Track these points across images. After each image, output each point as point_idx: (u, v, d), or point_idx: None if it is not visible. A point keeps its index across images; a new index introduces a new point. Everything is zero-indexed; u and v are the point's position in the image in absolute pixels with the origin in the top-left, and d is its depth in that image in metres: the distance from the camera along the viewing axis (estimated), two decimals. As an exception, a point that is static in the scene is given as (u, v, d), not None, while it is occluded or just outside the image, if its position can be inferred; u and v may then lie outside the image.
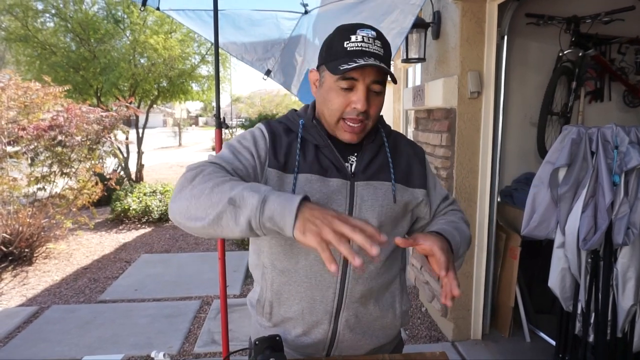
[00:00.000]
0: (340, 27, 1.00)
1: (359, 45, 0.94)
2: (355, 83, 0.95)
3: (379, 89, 0.97)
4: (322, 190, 1.00)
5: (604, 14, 2.88)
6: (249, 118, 12.70)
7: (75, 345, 2.89)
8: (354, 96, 0.96)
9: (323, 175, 1.01)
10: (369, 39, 0.95)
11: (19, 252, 4.44)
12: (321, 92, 1.02)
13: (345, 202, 1.01)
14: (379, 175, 1.04)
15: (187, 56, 7.77)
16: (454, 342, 2.85)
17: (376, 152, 1.06)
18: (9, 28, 6.99)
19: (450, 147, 2.76)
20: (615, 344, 2.17)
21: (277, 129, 1.05)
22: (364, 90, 0.95)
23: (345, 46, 0.95)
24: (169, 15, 2.67)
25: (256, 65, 2.80)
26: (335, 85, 0.96)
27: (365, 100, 0.95)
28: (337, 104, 0.97)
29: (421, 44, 2.92)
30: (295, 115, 1.10)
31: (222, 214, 0.78)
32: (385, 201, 1.03)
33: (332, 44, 0.98)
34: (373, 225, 0.98)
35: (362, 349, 1.09)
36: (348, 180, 1.02)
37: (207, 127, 41.45)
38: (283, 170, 1.00)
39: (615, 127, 2.04)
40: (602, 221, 2.02)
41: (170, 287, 3.87)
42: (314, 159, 1.01)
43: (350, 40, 0.95)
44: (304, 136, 1.04)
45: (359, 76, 0.94)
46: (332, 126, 1.01)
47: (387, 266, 1.07)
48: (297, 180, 0.99)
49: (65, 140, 4.45)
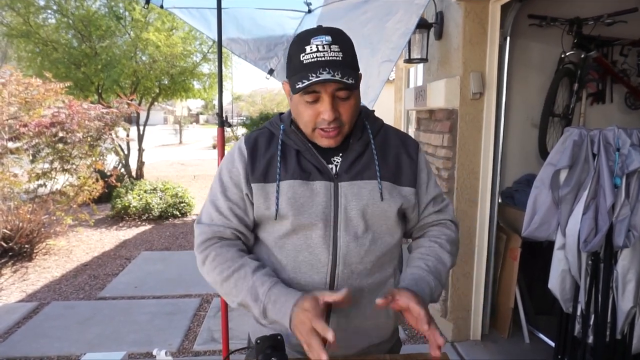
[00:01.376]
0: (297, 37, 0.99)
1: (314, 56, 0.92)
2: (318, 95, 0.94)
3: (344, 94, 0.96)
4: (305, 194, 1.00)
5: (606, 15, 2.88)
6: (249, 116, 12.70)
7: (75, 341, 2.89)
8: (321, 107, 0.95)
9: (306, 179, 1.01)
10: (324, 47, 0.92)
11: (19, 248, 4.45)
12: (292, 104, 1.02)
13: (330, 203, 1.01)
14: (363, 174, 1.03)
15: (189, 54, 7.76)
16: (453, 343, 2.86)
17: (362, 150, 1.05)
18: (10, 24, 6.98)
19: (452, 147, 2.77)
20: (615, 346, 2.17)
21: (258, 142, 1.07)
22: (329, 100, 0.94)
23: (302, 59, 0.93)
24: (173, 12, 2.67)
25: (259, 64, 2.80)
26: (302, 99, 0.96)
27: (332, 110, 0.95)
28: (307, 116, 0.97)
29: (423, 45, 2.92)
30: (278, 119, 1.10)
31: (241, 306, 0.99)
32: (371, 200, 1.02)
33: (291, 56, 0.98)
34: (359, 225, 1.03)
35: (354, 348, 1.09)
36: (332, 181, 1.02)
37: (207, 125, 41.38)
38: (265, 181, 1.02)
39: (617, 129, 2.04)
40: (603, 223, 2.02)
41: (170, 285, 3.87)
42: (295, 164, 1.02)
43: (305, 52, 0.93)
44: (285, 141, 1.04)
45: (320, 88, 0.93)
46: (310, 135, 1.02)
47: (378, 266, 1.06)
48: (280, 188, 1.00)
49: (66, 136, 4.46)
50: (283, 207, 1.00)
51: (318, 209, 1.00)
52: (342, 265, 1.01)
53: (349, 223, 1.01)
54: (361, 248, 1.02)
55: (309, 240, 1.01)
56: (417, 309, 0.89)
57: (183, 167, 12.78)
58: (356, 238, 1.01)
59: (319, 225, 1.00)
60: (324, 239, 1.01)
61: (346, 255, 1.01)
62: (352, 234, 1.01)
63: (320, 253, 1.01)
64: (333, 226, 1.01)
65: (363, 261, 1.03)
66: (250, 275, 0.97)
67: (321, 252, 1.01)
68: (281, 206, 1.00)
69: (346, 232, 1.01)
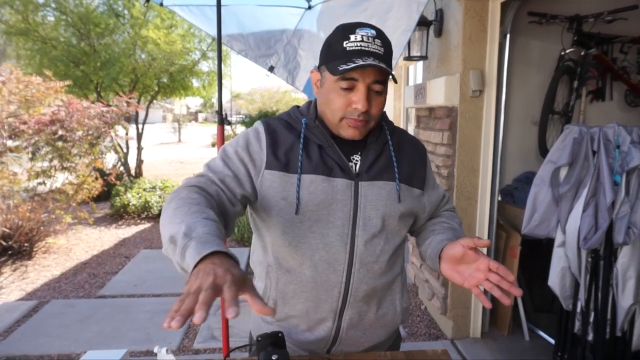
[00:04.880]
0: (340, 27, 0.99)
1: (358, 45, 0.93)
2: (355, 83, 0.94)
3: (379, 88, 0.96)
4: (326, 191, 0.99)
5: (606, 13, 2.88)
6: (249, 114, 12.69)
7: (75, 339, 2.89)
8: (355, 96, 0.95)
9: (327, 175, 1.00)
10: (369, 38, 0.94)
11: (18, 247, 4.44)
12: (322, 92, 1.01)
13: (350, 202, 1.00)
14: (382, 175, 1.03)
15: (188, 51, 7.74)
16: (453, 340, 2.86)
17: (380, 151, 1.05)
18: (9, 21, 6.95)
19: (452, 145, 2.76)
20: (615, 343, 2.17)
21: (278, 127, 1.04)
22: (365, 91, 0.94)
23: (345, 46, 0.94)
24: (173, 10, 2.66)
25: (259, 61, 2.80)
26: (336, 86, 0.96)
27: (366, 101, 0.94)
28: (338, 104, 0.96)
29: (423, 42, 2.92)
30: (298, 112, 1.08)
31: (167, 250, 0.83)
32: (389, 201, 1.02)
33: (332, 43, 0.97)
34: (377, 225, 1.01)
35: (362, 346, 1.10)
36: (352, 180, 1.01)
37: (206, 123, 41.41)
38: (285, 171, 0.99)
39: (617, 127, 2.04)
40: (603, 220, 2.03)
41: (169, 283, 3.87)
42: (318, 159, 1.00)
43: (349, 40, 0.94)
44: (307, 135, 1.03)
45: (358, 76, 0.93)
46: (335, 125, 1.00)
47: (390, 265, 1.07)
48: (301, 181, 0.99)
49: (66, 135, 4.44)
50: (303, 201, 0.98)
51: (337, 206, 1.00)
52: (358, 264, 1.01)
53: (367, 223, 1.01)
54: (377, 247, 1.03)
55: (325, 239, 1.00)
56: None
57: (182, 165, 12.77)
58: (372, 238, 1.02)
59: (336, 224, 1.00)
60: (341, 238, 1.00)
61: (362, 254, 1.01)
62: (370, 234, 1.01)
63: (337, 252, 1.00)
64: (351, 225, 1.00)
65: (378, 260, 1.03)
66: (199, 217, 0.83)
67: (338, 251, 1.00)
68: (301, 200, 0.98)
69: (364, 232, 1.01)
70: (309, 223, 0.99)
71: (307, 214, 0.99)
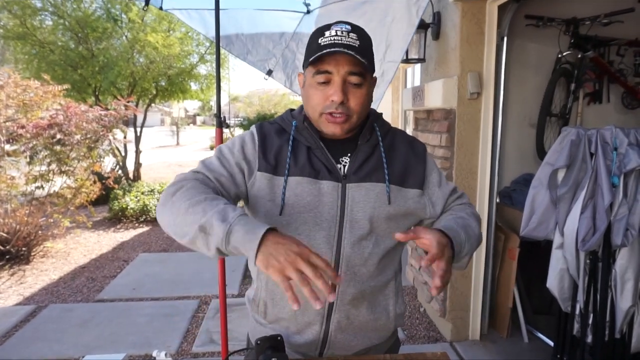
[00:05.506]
0: (319, 27, 1.01)
1: (331, 39, 0.95)
2: (330, 76, 0.96)
3: (357, 80, 0.96)
4: (313, 193, 1.00)
5: (603, 15, 2.89)
6: (247, 117, 12.69)
7: (74, 344, 2.88)
8: (331, 89, 0.96)
9: (314, 177, 1.00)
10: (343, 32, 0.95)
11: (16, 251, 4.43)
12: (304, 91, 1.03)
13: (337, 204, 1.00)
14: (372, 177, 1.02)
15: (186, 54, 7.75)
16: (452, 343, 2.86)
17: (370, 152, 1.05)
18: (7, 26, 6.95)
19: (450, 147, 2.77)
20: (614, 345, 2.18)
21: (269, 131, 1.06)
22: (340, 82, 0.95)
23: (319, 42, 0.96)
24: (172, 14, 2.67)
25: (258, 65, 2.81)
26: (313, 81, 0.98)
27: (341, 92, 0.95)
28: (316, 98, 0.98)
29: (421, 45, 2.93)
30: (290, 115, 1.09)
31: (195, 239, 0.84)
32: (377, 203, 1.01)
33: (310, 43, 1.00)
34: (365, 227, 1.00)
35: (354, 349, 1.09)
36: (339, 182, 1.01)
37: (204, 126, 41.39)
38: (273, 173, 1.00)
39: (615, 129, 2.05)
40: (601, 222, 2.03)
41: (168, 287, 3.86)
42: (305, 161, 1.01)
43: (324, 36, 0.96)
44: (296, 137, 1.04)
45: (332, 69, 0.95)
46: (316, 121, 1.01)
47: (380, 269, 1.06)
48: (288, 183, 0.99)
49: (64, 138, 4.44)
50: (289, 204, 0.99)
51: (324, 209, 1.00)
52: (344, 266, 1.01)
53: (354, 225, 1.01)
54: (364, 250, 1.02)
55: (312, 241, 0.99)
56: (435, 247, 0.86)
57: (181, 168, 12.74)
58: (360, 240, 1.01)
59: (323, 226, 1.00)
60: (328, 240, 1.00)
61: (349, 257, 1.01)
62: (357, 237, 1.01)
63: (323, 254, 0.99)
64: (338, 227, 1.00)
65: (366, 264, 1.02)
66: (222, 203, 0.86)
67: (324, 253, 1.00)
68: (287, 202, 0.99)
69: (351, 234, 1.00)
70: (296, 225, 1.00)
71: (293, 215, 0.99)
